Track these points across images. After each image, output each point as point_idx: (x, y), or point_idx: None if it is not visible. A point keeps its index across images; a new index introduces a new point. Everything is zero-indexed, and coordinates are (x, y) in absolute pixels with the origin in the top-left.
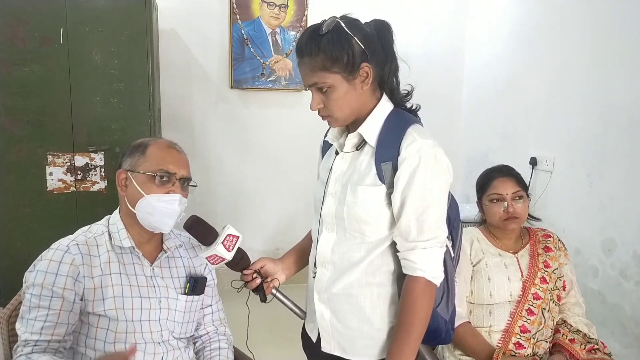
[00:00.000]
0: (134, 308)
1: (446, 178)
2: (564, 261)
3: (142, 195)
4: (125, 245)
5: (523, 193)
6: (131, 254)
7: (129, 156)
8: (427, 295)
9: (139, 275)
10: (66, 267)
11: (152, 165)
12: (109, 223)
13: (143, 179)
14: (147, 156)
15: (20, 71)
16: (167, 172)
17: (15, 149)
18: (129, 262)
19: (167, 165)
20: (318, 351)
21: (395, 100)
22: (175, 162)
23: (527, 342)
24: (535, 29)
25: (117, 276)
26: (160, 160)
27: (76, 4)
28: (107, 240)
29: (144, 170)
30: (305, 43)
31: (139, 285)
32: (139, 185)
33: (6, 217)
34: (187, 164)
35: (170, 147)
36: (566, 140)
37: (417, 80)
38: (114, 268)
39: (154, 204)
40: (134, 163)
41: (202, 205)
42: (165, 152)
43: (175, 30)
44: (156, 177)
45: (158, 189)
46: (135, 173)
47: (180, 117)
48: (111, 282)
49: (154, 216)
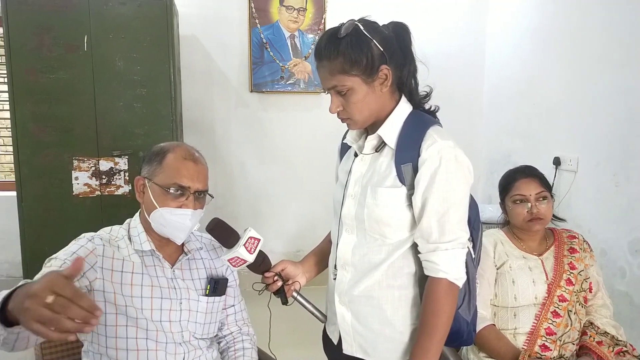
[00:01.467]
0: (154, 308)
1: (467, 179)
2: (590, 262)
3: (155, 206)
4: (146, 249)
5: (547, 194)
6: (152, 256)
7: (148, 163)
8: (450, 297)
9: (160, 277)
10: (85, 250)
11: (167, 178)
12: (130, 226)
13: (158, 191)
14: (163, 167)
15: (46, 78)
16: (181, 187)
17: (42, 154)
18: (150, 264)
19: (181, 179)
20: (339, 353)
21: (414, 102)
22: (190, 176)
23: (553, 345)
24: (557, 27)
25: (139, 276)
26: (175, 174)
27: (99, 12)
28: (128, 243)
29: (159, 182)
30: (324, 46)
31: (161, 286)
32: (154, 196)
33: (34, 220)
34: (205, 175)
35: (187, 159)
36: (591, 140)
37: (436, 82)
38: (137, 268)
39: (167, 216)
40: (151, 171)
41: (223, 208)
42: (182, 164)
43: (195, 36)
44: (170, 191)
45: (171, 202)
46: (151, 182)
47: (201, 121)
48: (131, 281)
49: (166, 228)
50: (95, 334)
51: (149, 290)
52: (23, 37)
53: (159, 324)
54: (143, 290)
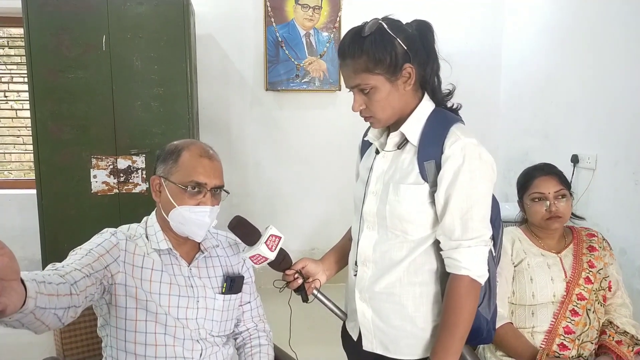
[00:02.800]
0: (171, 306)
1: (490, 177)
2: (610, 261)
3: (174, 205)
4: (163, 247)
5: (566, 192)
6: (169, 255)
7: (163, 162)
8: (472, 295)
9: (177, 275)
10: (109, 244)
11: (183, 176)
12: (147, 225)
13: (175, 189)
14: (179, 165)
15: (65, 78)
16: (198, 184)
17: (61, 152)
18: (168, 262)
19: (198, 177)
20: (358, 350)
21: (436, 100)
22: (206, 173)
23: (571, 344)
24: (575, 23)
25: (158, 273)
26: (191, 171)
27: (117, 12)
28: (146, 241)
29: (176, 180)
30: (348, 45)
31: (179, 284)
32: (171, 195)
33: (53, 218)
34: (220, 171)
35: (203, 156)
36: (610, 137)
37: (453, 79)
38: (157, 265)
39: (186, 214)
40: (167, 170)
41: (239, 206)
42: (197, 161)
43: (211, 35)
44: (187, 189)
45: (189, 200)
46: (168, 182)
47: (217, 120)
48: (151, 277)
49: (185, 226)
50: (115, 327)
51: (167, 288)
52: (43, 37)
53: (177, 320)
54: (162, 287)
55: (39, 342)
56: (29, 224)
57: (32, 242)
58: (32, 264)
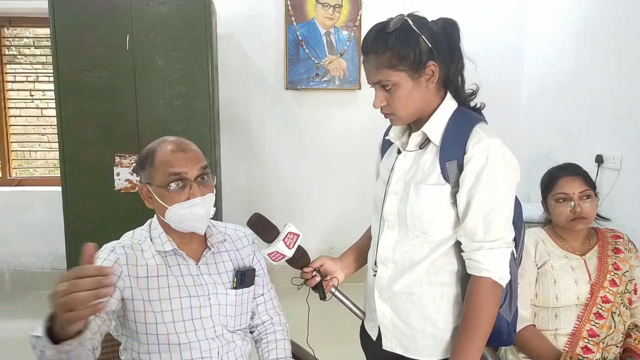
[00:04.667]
0: (184, 308)
1: (514, 178)
2: (635, 263)
3: (166, 207)
4: (167, 249)
5: (591, 192)
6: (175, 256)
7: (142, 169)
8: (493, 296)
9: (185, 275)
10: (110, 263)
11: (163, 175)
12: (151, 228)
13: (161, 192)
14: (156, 167)
15: (90, 77)
16: (180, 178)
17: (85, 150)
18: (174, 263)
19: (178, 172)
20: (377, 349)
21: (459, 99)
22: (183, 165)
23: (595, 347)
24: (600, 19)
25: (165, 279)
26: (169, 168)
27: (140, 11)
28: (151, 245)
29: (158, 182)
30: (372, 40)
31: (187, 285)
32: (160, 198)
33: (77, 215)
34: (198, 158)
35: (175, 151)
36: (636, 137)
37: (476, 78)
38: (161, 271)
39: (180, 212)
40: (148, 175)
41: (258, 204)
42: (171, 157)
43: (232, 34)
44: (171, 187)
45: (178, 197)
46: (153, 186)
47: (237, 118)
48: (158, 284)
49: (183, 223)
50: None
51: (176, 291)
52: (68, 37)
53: (190, 323)
54: (170, 291)
55: None
56: (54, 220)
57: (56, 238)
58: (57, 259)
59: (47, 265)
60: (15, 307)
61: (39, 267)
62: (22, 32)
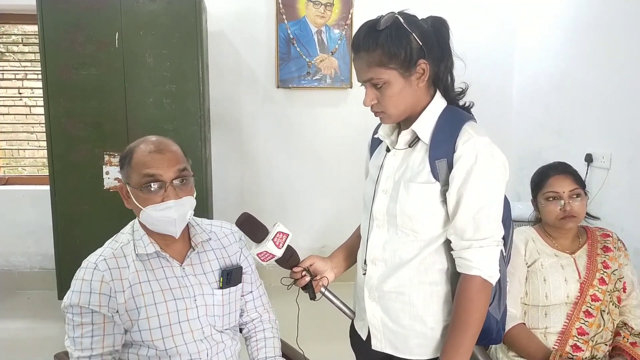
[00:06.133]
0: (170, 312)
1: (503, 176)
2: (624, 262)
3: (140, 208)
4: (150, 251)
5: (581, 191)
6: (158, 258)
7: (122, 168)
8: (483, 295)
9: (169, 277)
10: (97, 284)
11: (138, 176)
12: (134, 230)
13: (136, 192)
14: (133, 167)
15: (79, 75)
16: (156, 180)
17: (74, 149)
18: (158, 266)
19: (152, 174)
20: (367, 349)
21: (449, 98)
22: (160, 167)
23: (585, 345)
24: (591, 19)
25: (147, 284)
26: (144, 169)
27: (130, 9)
28: (133, 249)
29: (134, 183)
30: (363, 38)
31: (171, 287)
32: (136, 198)
33: (66, 214)
34: (175, 160)
35: (152, 152)
36: (625, 136)
37: (466, 76)
38: (142, 277)
39: (153, 214)
40: (126, 175)
41: (249, 203)
42: (148, 158)
43: (223, 32)
44: (146, 189)
45: (153, 198)
46: (130, 186)
47: (228, 117)
48: (141, 291)
49: (157, 225)
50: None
51: (160, 295)
52: (57, 34)
53: (177, 327)
54: (155, 296)
55: (53, 336)
56: (43, 220)
57: (45, 237)
58: (46, 258)
59: (35, 265)
60: (4, 307)
61: (28, 266)
62: (10, 29)
